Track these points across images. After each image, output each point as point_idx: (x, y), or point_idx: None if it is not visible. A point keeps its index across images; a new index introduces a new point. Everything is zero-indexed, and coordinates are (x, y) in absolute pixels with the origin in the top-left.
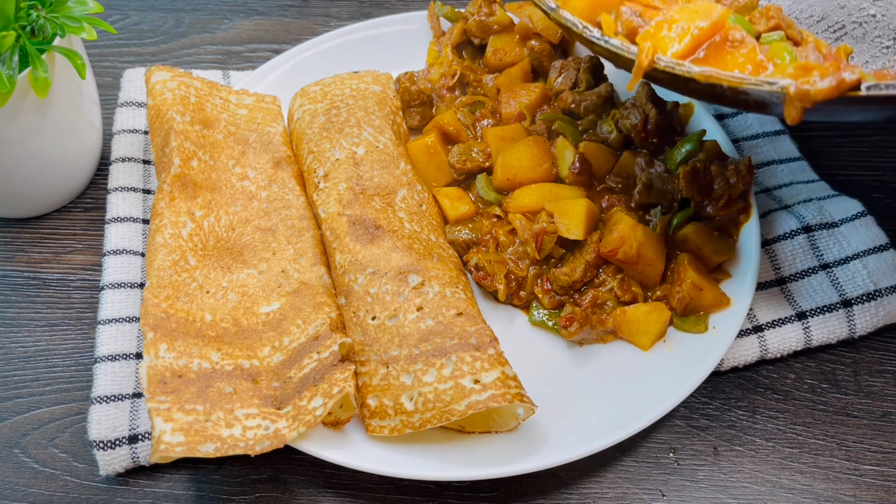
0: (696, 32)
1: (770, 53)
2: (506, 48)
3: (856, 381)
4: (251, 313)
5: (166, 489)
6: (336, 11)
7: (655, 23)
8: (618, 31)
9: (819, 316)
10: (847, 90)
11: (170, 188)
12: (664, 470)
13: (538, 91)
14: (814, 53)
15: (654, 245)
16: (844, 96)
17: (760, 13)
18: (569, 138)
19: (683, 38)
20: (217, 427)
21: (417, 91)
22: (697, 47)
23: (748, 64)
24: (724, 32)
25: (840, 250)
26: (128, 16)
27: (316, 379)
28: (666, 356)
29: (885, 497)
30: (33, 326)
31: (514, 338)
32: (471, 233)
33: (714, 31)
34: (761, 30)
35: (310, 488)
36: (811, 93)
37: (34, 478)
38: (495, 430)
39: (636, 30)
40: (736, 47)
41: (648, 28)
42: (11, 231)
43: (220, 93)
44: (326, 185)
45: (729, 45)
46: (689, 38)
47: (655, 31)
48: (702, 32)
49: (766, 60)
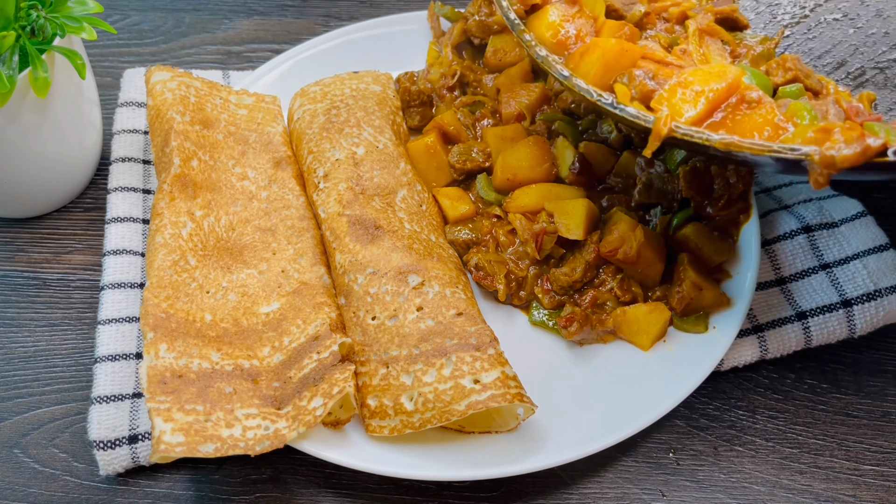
0: (711, 95)
1: (789, 112)
2: (506, 48)
3: (856, 381)
4: (251, 313)
5: (166, 489)
6: (336, 11)
7: (669, 86)
8: (632, 96)
9: (819, 316)
10: (873, 156)
11: (170, 188)
12: (664, 470)
13: (538, 91)
14: (834, 107)
15: (654, 245)
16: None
17: (777, 63)
18: (569, 138)
19: (699, 101)
20: (217, 427)
21: (417, 91)
22: (714, 110)
23: (766, 126)
24: (741, 93)
25: (840, 250)
26: (128, 16)
27: (316, 379)
28: (666, 356)
29: (885, 497)
30: (33, 326)
31: (514, 338)
32: (471, 233)
33: (730, 93)
34: (779, 82)
35: (310, 488)
36: (836, 160)
37: (34, 478)
38: (495, 430)
39: (650, 94)
40: (753, 108)
41: (662, 92)
42: (11, 231)
43: (220, 93)
44: (326, 185)
45: (746, 107)
46: (704, 102)
47: (670, 95)
48: (717, 95)
49: (786, 121)
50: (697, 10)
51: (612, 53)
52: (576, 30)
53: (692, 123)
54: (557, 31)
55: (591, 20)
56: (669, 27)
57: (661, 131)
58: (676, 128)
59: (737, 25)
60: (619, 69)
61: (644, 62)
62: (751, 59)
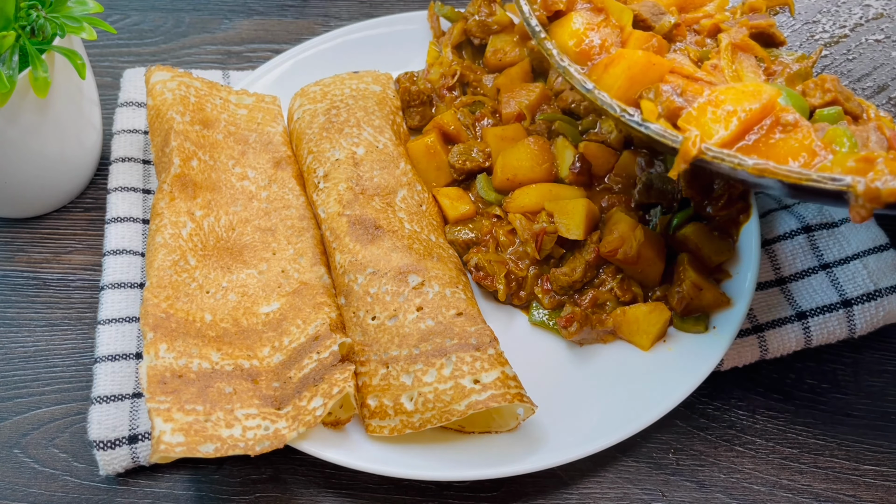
0: (744, 116)
1: (827, 138)
2: (506, 48)
3: (856, 381)
4: (251, 313)
5: (166, 489)
6: (336, 11)
7: (699, 105)
8: (659, 113)
9: (819, 316)
10: None
11: (170, 188)
12: (664, 470)
13: (538, 91)
14: (875, 134)
15: (654, 245)
16: None
17: (815, 84)
18: (569, 138)
19: (731, 122)
20: (217, 427)
21: (417, 91)
22: (746, 132)
23: (802, 152)
24: (776, 115)
25: (840, 250)
26: (128, 16)
27: (316, 379)
28: (666, 356)
29: (885, 497)
30: (33, 326)
31: (514, 338)
32: (471, 233)
33: (764, 115)
34: (816, 104)
35: (310, 488)
36: (882, 193)
37: (34, 478)
38: (495, 430)
39: (677, 111)
40: (789, 132)
41: (691, 110)
42: (11, 231)
43: (220, 93)
44: (326, 185)
45: (780, 130)
46: (736, 123)
47: (699, 115)
48: (750, 116)
49: (823, 147)
50: (731, 24)
51: (639, 66)
52: (600, 39)
53: (722, 146)
54: (581, 40)
55: (618, 30)
56: (700, 40)
57: (690, 152)
58: (707, 150)
59: (772, 41)
60: (646, 83)
61: (672, 77)
62: (786, 77)
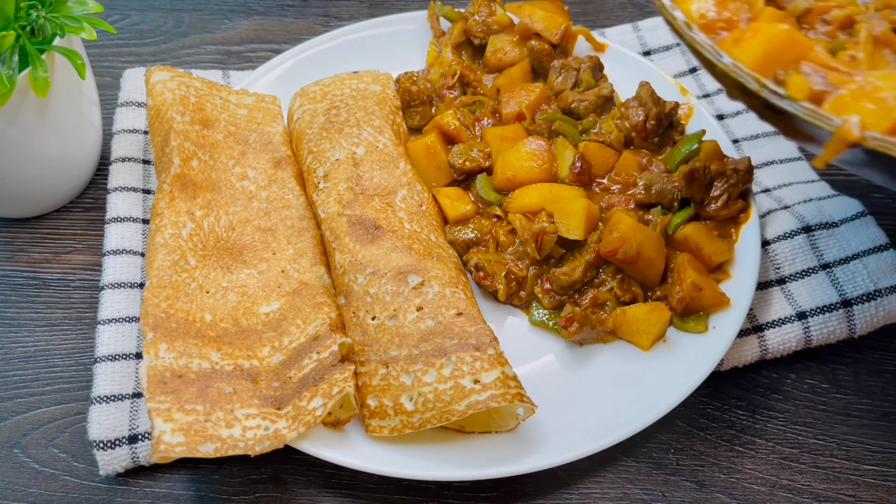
0: None
1: None
2: (506, 48)
3: (856, 381)
4: (251, 313)
5: (166, 489)
6: (336, 11)
7: (850, 91)
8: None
9: (819, 316)
10: None
11: (170, 188)
12: (664, 470)
13: (538, 91)
14: None
15: (654, 245)
16: None
17: None
18: (569, 138)
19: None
20: (217, 427)
21: (417, 91)
22: None
23: None
24: None
25: (840, 250)
26: (128, 16)
27: (316, 379)
28: (666, 356)
29: (885, 497)
30: (33, 326)
31: (514, 338)
32: (471, 233)
33: None
34: None
35: (310, 488)
36: None
37: (34, 478)
38: (495, 430)
39: (819, 95)
40: None
41: (844, 93)
42: (11, 231)
43: (220, 93)
44: (326, 185)
45: None
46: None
47: (853, 100)
48: None
49: None
50: (868, 16)
51: (780, 41)
52: (729, 13)
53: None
54: (706, 12)
55: (747, 5)
56: (831, 31)
57: (851, 136)
58: (870, 136)
59: None
60: (784, 62)
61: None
62: None
